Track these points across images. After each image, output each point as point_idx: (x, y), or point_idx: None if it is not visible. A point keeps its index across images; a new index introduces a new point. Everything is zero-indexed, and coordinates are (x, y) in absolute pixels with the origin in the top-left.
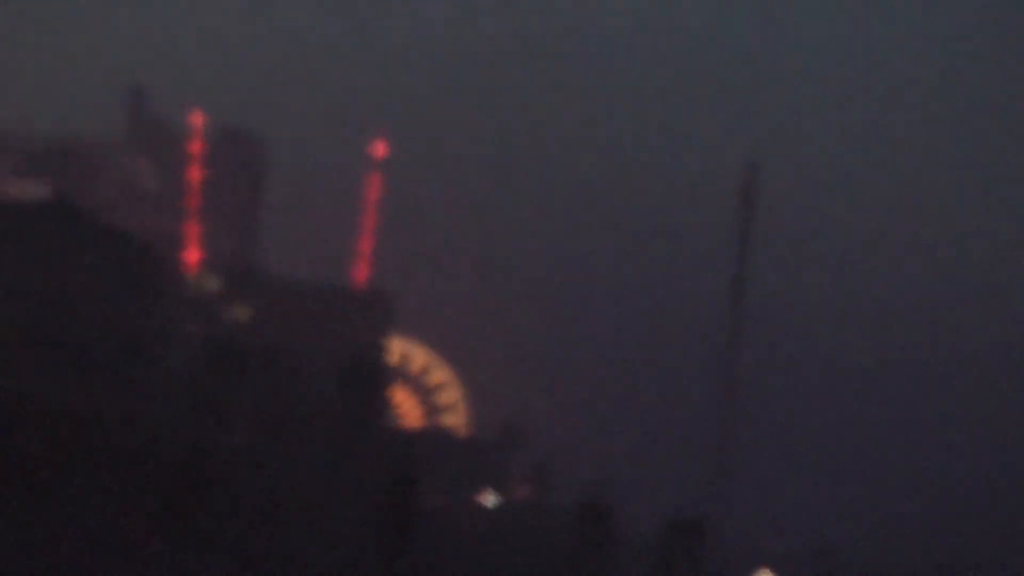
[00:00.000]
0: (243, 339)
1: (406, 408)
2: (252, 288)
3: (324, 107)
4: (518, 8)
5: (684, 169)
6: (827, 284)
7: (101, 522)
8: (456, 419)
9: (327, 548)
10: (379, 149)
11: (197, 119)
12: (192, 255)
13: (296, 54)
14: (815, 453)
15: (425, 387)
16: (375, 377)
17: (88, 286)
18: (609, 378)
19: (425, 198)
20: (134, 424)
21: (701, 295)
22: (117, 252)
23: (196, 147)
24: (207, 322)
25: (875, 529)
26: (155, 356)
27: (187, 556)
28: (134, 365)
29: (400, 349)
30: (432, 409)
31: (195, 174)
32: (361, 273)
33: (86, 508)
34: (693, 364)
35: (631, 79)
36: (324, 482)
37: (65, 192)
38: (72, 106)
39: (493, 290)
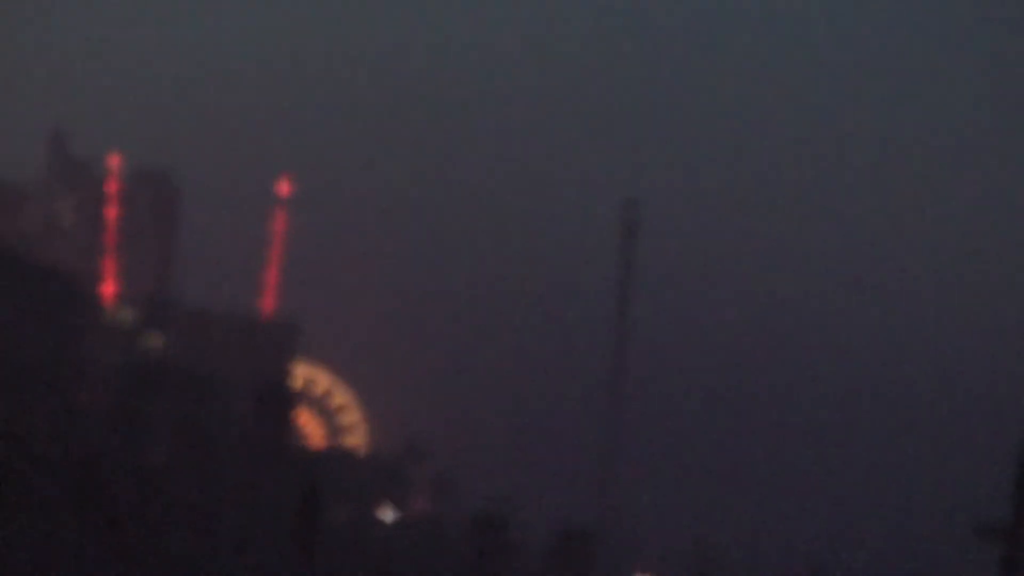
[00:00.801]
0: (157, 365)
1: (310, 429)
2: (166, 318)
3: (236, 147)
4: (415, 48)
5: (574, 202)
6: (708, 309)
7: (31, 531)
8: (357, 438)
9: (241, 558)
10: (284, 187)
11: (114, 160)
12: (109, 288)
13: (211, 95)
14: (697, 459)
15: (328, 409)
16: (281, 400)
17: (13, 317)
18: (502, 396)
19: (328, 232)
20: (58, 443)
21: (589, 321)
22: (40, 286)
23: (113, 187)
24: (123, 350)
25: (755, 531)
26: (76, 382)
27: (109, 562)
28: (57, 390)
29: (305, 373)
30: (335, 429)
31: (112, 212)
32: (268, 303)
33: (18, 518)
34: (580, 383)
35: (518, 116)
36: (237, 497)
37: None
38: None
39: (392, 317)
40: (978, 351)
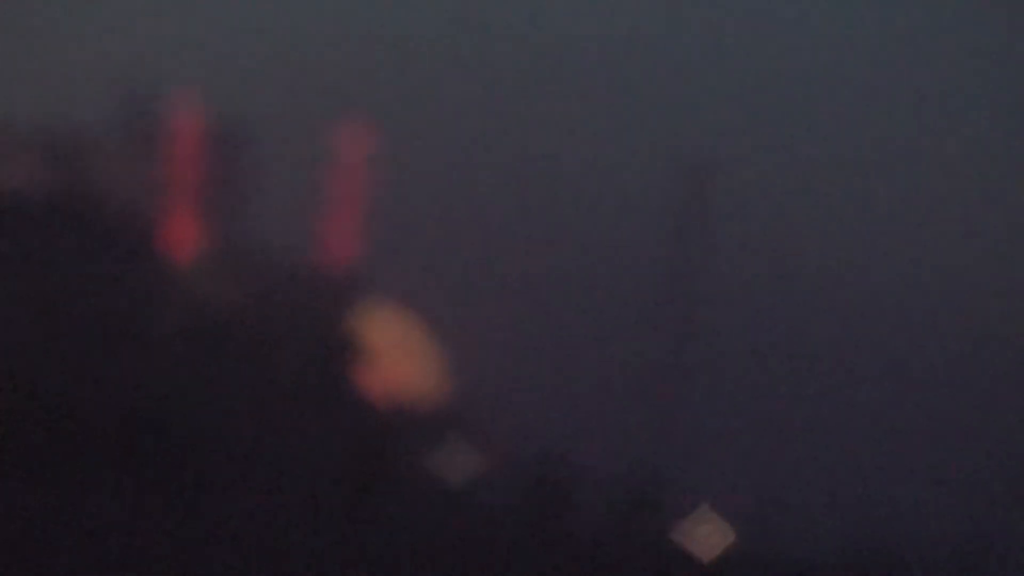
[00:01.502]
0: (227, 315)
1: (379, 376)
2: (236, 267)
3: (311, 89)
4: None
5: (638, 163)
6: (780, 259)
7: (85, 493)
8: (426, 386)
9: (304, 512)
10: (361, 130)
11: (186, 105)
12: (179, 237)
13: (288, 41)
14: (764, 410)
15: (397, 355)
16: (351, 347)
17: (76, 270)
18: (573, 346)
19: (404, 180)
20: (120, 401)
21: (658, 276)
22: (104, 237)
23: (184, 134)
24: (192, 300)
25: (819, 486)
26: (143, 333)
27: (168, 522)
28: (121, 345)
29: (373, 318)
30: (405, 377)
31: (183, 160)
32: (337, 249)
33: (74, 479)
34: (647, 334)
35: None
36: (302, 450)
37: (60, 180)
38: (63, 96)
39: (467, 264)
40: None
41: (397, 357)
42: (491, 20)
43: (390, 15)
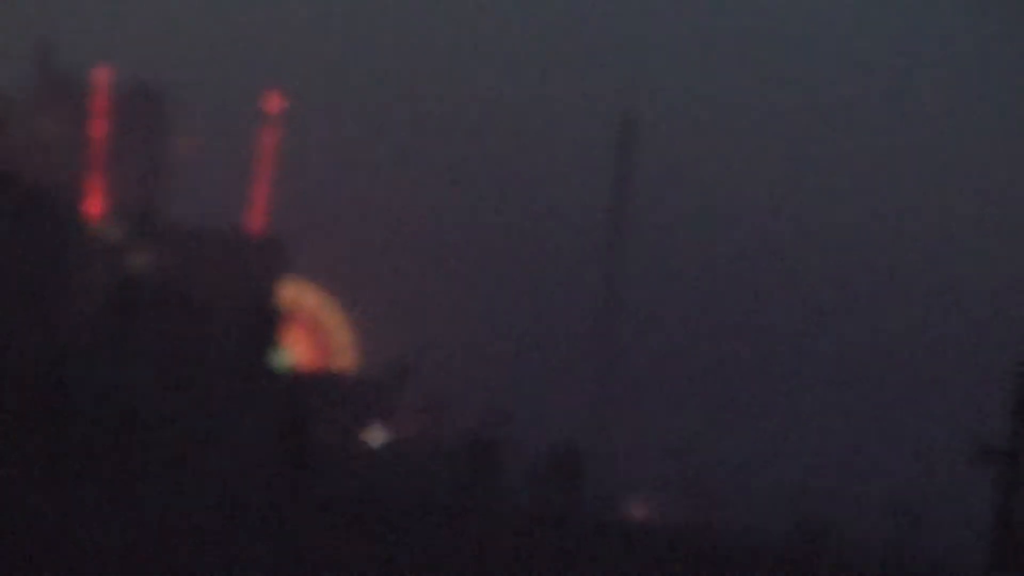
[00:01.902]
0: (144, 284)
1: (299, 349)
2: (153, 236)
3: (230, 61)
4: None
5: (569, 120)
6: (706, 227)
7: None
8: (347, 359)
9: (226, 484)
10: (275, 101)
11: (102, 74)
12: (95, 205)
13: (205, 8)
14: (693, 385)
15: (317, 328)
16: (270, 319)
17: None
18: (497, 317)
19: (324, 149)
20: (34, 365)
21: (585, 239)
22: (22, 202)
23: (101, 101)
24: (108, 268)
25: (747, 456)
26: (57, 300)
27: (88, 493)
28: (37, 309)
29: (294, 292)
30: (324, 350)
31: (100, 127)
32: (258, 220)
33: None
34: (575, 302)
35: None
36: (223, 421)
37: None
38: None
39: (385, 236)
40: (978, 270)
41: (323, 325)
42: None
43: None
